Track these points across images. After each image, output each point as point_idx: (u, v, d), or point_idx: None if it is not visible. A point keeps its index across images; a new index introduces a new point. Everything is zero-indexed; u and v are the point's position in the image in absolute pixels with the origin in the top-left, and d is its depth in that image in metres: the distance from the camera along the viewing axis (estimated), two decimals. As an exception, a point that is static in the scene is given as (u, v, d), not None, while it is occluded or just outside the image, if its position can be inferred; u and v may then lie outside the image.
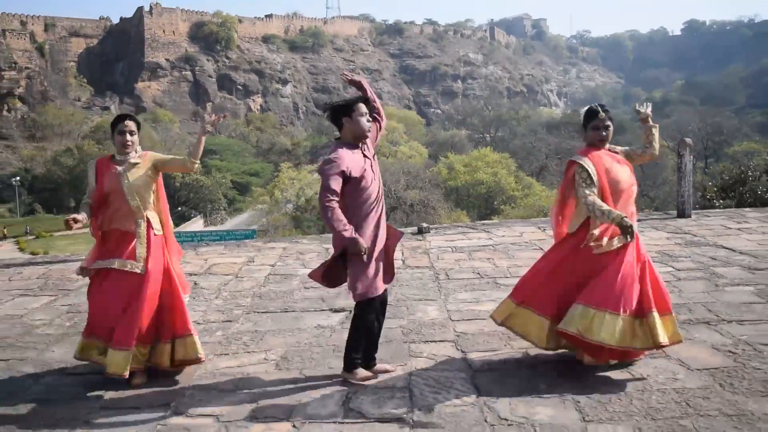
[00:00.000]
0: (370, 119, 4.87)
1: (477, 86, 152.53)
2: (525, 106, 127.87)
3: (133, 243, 4.98)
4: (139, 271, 4.91)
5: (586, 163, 4.74)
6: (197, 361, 5.06)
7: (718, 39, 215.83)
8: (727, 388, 4.49)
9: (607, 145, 4.92)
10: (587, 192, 4.69)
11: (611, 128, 4.86)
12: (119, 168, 5.03)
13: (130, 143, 5.11)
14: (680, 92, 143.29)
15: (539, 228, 11.29)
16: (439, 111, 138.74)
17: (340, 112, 4.84)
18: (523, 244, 9.92)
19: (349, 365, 4.90)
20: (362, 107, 4.81)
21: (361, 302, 4.78)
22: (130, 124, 5.11)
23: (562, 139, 68.94)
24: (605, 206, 4.63)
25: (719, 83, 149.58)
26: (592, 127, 4.85)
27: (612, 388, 4.53)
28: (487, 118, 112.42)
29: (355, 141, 4.82)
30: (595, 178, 4.71)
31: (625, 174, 4.82)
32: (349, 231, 4.53)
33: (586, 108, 4.99)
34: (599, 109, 4.86)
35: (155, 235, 5.06)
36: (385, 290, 4.89)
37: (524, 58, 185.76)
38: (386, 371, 4.98)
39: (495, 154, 58.00)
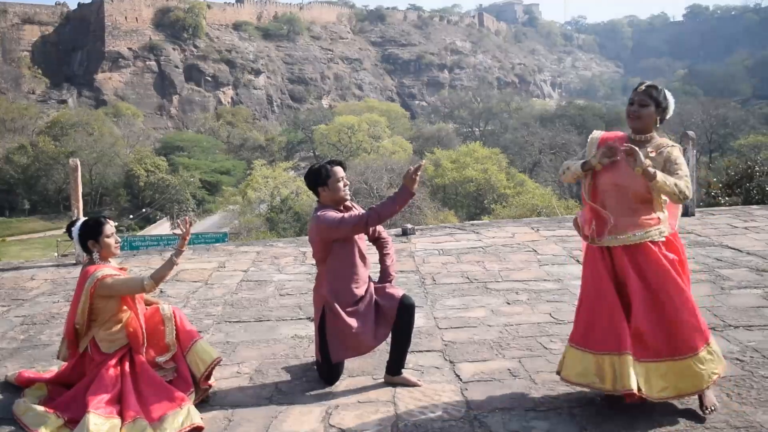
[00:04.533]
0: (347, 183, 5.07)
1: (465, 76, 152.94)
2: (517, 98, 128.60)
3: None
4: None
5: (594, 137, 4.62)
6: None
7: (722, 25, 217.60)
8: (735, 398, 4.52)
9: (658, 138, 4.46)
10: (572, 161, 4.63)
11: (649, 108, 4.37)
12: None
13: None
14: (682, 82, 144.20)
15: (532, 228, 11.32)
16: (424, 103, 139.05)
17: (316, 184, 5.04)
18: (515, 245, 9.94)
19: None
20: (339, 172, 5.01)
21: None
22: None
23: (557, 132, 69.26)
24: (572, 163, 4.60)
25: (724, 72, 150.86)
26: (628, 101, 4.51)
27: (610, 400, 4.53)
28: (476, 110, 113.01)
29: (336, 206, 5.04)
30: (588, 154, 4.55)
31: (623, 169, 4.34)
32: (401, 191, 4.73)
33: None
34: (644, 83, 4.51)
35: None
36: (404, 297, 5.02)
37: (515, 46, 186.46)
38: (409, 383, 5.00)
39: (485, 150, 58.30)
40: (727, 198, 18.58)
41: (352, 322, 4.89)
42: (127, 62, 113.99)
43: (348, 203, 5.09)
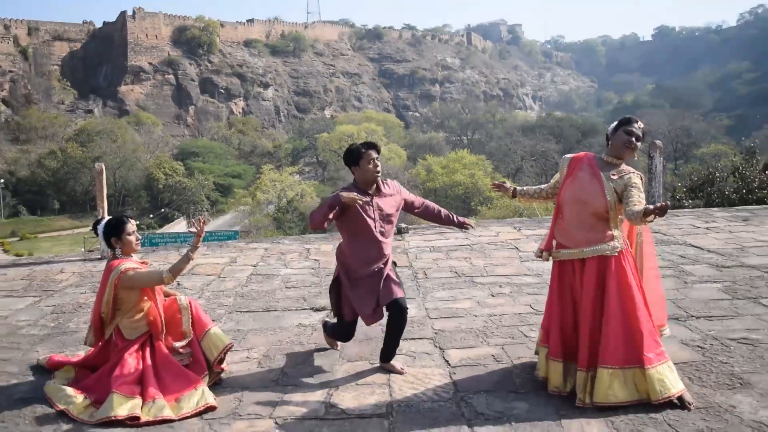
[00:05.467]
0: (378, 164, 4.97)
1: (454, 90, 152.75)
2: (501, 110, 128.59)
3: None
4: None
5: (565, 158, 4.66)
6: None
7: (687, 44, 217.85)
8: (696, 381, 4.54)
9: (625, 165, 4.45)
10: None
11: (641, 143, 4.41)
12: None
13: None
14: (651, 96, 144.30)
15: (515, 228, 11.34)
16: (417, 114, 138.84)
17: (349, 163, 5.00)
18: (499, 243, 9.95)
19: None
20: (371, 154, 4.94)
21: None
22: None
23: (537, 141, 69.37)
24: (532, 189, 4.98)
25: (688, 87, 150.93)
26: (626, 131, 4.38)
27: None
28: (464, 120, 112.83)
29: (365, 186, 4.99)
30: (558, 175, 4.68)
31: (586, 187, 4.39)
32: (331, 198, 4.82)
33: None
34: (637, 119, 4.46)
35: None
36: (399, 299, 4.90)
37: (500, 63, 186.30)
38: (395, 371, 4.99)
39: (472, 156, 58.35)
40: (690, 201, 18.62)
41: (352, 296, 4.94)
42: (148, 76, 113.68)
43: (380, 184, 5.01)
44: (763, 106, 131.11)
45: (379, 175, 4.99)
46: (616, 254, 4.31)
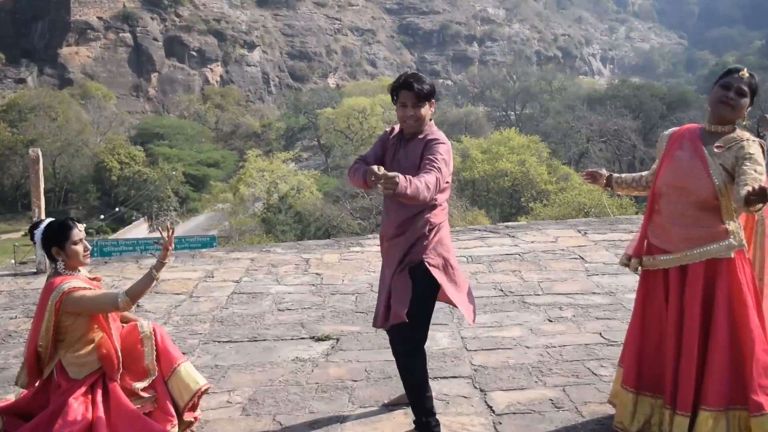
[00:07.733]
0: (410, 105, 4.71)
1: (498, 50, 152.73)
2: (560, 76, 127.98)
3: None
4: None
5: (663, 134, 4.62)
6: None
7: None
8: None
9: (738, 131, 4.33)
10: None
11: (745, 99, 4.28)
12: None
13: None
14: (759, 55, 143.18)
15: (579, 231, 11.29)
16: (449, 82, 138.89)
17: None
18: (558, 251, 9.92)
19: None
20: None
21: None
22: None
23: (609, 116, 68.78)
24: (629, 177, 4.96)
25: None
26: (721, 84, 4.31)
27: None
28: (511, 90, 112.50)
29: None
30: (657, 154, 4.63)
31: (685, 169, 4.31)
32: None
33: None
34: (743, 69, 4.36)
35: None
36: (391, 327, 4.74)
37: (558, 14, 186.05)
38: None
39: (522, 137, 58.03)
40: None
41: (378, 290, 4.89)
42: (97, 34, 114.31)
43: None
44: None
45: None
46: (731, 256, 4.19)
